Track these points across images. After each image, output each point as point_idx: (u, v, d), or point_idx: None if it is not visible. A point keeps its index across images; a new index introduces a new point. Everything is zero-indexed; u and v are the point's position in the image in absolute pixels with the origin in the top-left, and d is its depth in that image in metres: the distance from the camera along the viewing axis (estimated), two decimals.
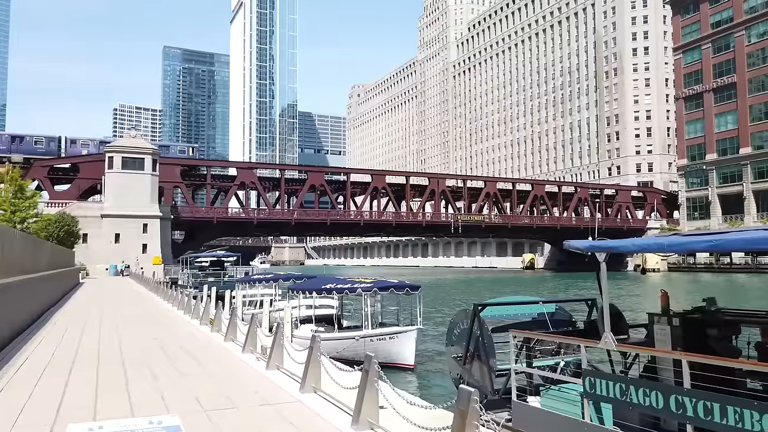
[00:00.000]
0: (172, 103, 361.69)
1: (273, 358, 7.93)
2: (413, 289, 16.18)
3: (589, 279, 73.03)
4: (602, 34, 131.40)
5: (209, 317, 12.96)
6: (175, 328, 13.01)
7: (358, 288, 15.60)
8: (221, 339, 11.13)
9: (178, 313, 16.47)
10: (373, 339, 15.82)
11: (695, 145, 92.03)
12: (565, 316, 9.44)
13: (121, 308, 18.50)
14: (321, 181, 74.32)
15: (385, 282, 16.39)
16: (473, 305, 8.54)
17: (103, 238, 55.48)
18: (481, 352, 8.35)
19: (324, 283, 16.79)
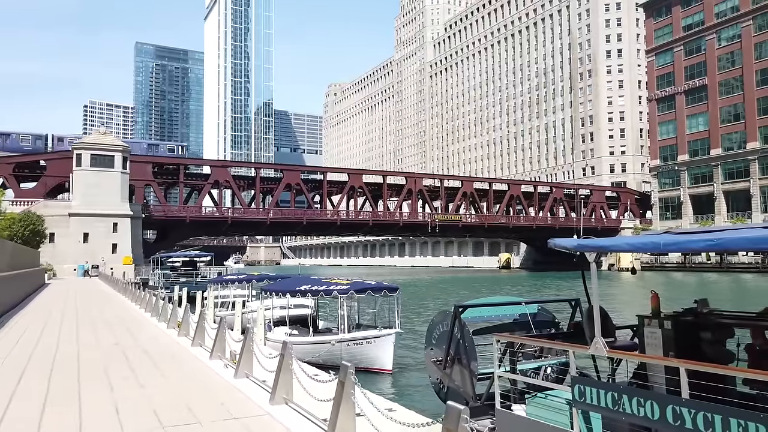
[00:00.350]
0: (145, 100, 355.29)
1: (242, 365, 7.33)
2: (391, 291, 15.58)
3: (566, 278, 73.78)
4: (577, 36, 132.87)
5: (177, 320, 12.27)
6: (139, 332, 12.29)
7: (334, 290, 14.94)
8: (188, 344, 10.48)
9: (145, 315, 15.68)
10: (350, 343, 15.22)
11: (667, 146, 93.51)
12: (548, 317, 9.09)
13: (84, 311, 17.61)
14: (297, 180, 73.39)
15: (362, 284, 15.73)
16: (454, 306, 8.09)
17: (71, 238, 53.79)
18: (462, 356, 7.92)
19: (299, 285, 16.06)
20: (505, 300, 9.19)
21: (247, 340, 7.25)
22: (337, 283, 15.62)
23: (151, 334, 12.10)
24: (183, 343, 10.80)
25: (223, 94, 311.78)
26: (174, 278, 38.48)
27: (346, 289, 14.99)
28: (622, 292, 53.78)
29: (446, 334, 8.27)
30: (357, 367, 15.42)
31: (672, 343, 6.58)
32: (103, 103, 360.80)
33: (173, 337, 11.54)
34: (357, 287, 15.22)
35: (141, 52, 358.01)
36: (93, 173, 54.40)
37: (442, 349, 8.35)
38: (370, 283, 15.81)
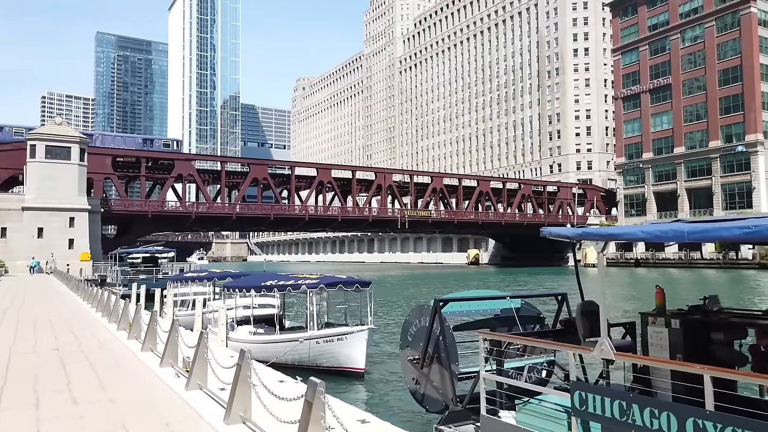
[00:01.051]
0: (106, 92, 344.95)
1: (195, 375, 6.32)
2: (363, 285, 14.70)
3: (533, 273, 74.14)
4: (545, 34, 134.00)
5: (128, 321, 11.11)
6: (85, 335, 11.07)
7: (303, 285, 13.97)
8: (139, 348, 9.37)
9: (95, 316, 14.39)
10: (319, 341, 14.21)
11: (633, 144, 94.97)
12: (533, 312, 8.39)
13: (29, 310, 16.16)
14: (264, 175, 71.74)
15: (332, 278, 14.81)
16: (434, 300, 7.31)
17: (25, 233, 51.19)
18: (441, 354, 7.17)
19: (264, 280, 15.10)
20: (487, 294, 8.42)
21: (200, 346, 6.22)
22: (305, 277, 14.64)
23: (98, 337, 10.89)
24: (133, 347, 9.67)
25: (188, 87, 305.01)
26: (133, 275, 36.77)
27: (315, 284, 14.07)
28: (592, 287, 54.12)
29: (424, 331, 7.51)
30: (326, 367, 14.34)
31: (680, 345, 5.91)
32: (62, 95, 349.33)
33: (122, 341, 10.38)
34: (327, 281, 14.30)
35: (102, 43, 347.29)
36: (48, 165, 51.87)
37: (419, 347, 7.59)
38: (341, 277, 14.92)
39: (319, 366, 14.27)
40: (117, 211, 62.16)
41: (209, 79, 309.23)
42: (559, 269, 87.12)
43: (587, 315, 6.71)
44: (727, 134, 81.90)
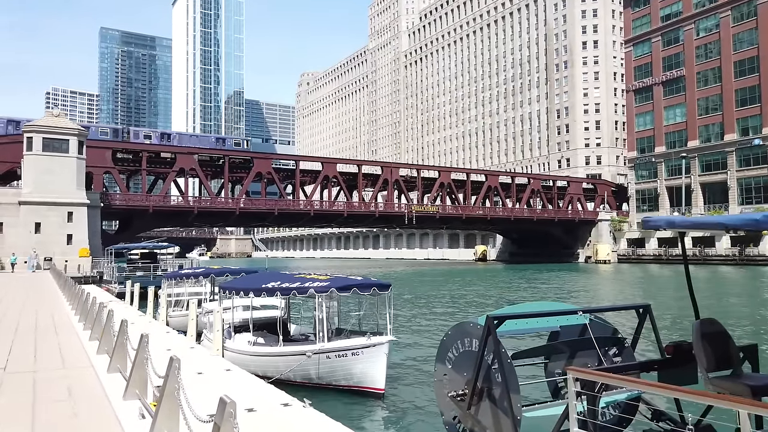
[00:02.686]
0: (110, 87, 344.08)
1: (162, 417, 4.51)
2: (382, 288, 12.55)
3: (543, 270, 72.30)
4: (553, 26, 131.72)
5: (101, 329, 9.34)
6: (48, 348, 9.36)
7: (310, 288, 11.97)
8: (105, 366, 7.59)
9: (73, 320, 12.68)
10: (330, 355, 12.21)
11: (645, 137, 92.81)
12: (606, 329, 6.50)
13: (1, 314, 14.44)
14: (268, 169, 70.01)
15: (344, 280, 12.78)
16: (486, 318, 5.46)
17: (22, 228, 49.61)
18: (496, 391, 5.36)
19: (265, 281, 13.09)
20: (550, 308, 6.49)
21: (170, 377, 4.42)
22: (313, 278, 12.67)
23: (63, 350, 9.35)
24: (99, 365, 7.79)
25: (192, 82, 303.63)
26: (130, 272, 35.11)
27: (325, 287, 12.07)
28: (606, 285, 52.05)
29: (469, 357, 5.72)
30: (339, 385, 12.23)
31: None
32: (66, 90, 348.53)
33: (90, 356, 8.52)
34: (339, 284, 12.26)
35: (106, 38, 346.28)
36: (45, 158, 50.23)
37: (463, 378, 5.80)
38: (355, 279, 12.90)
39: (330, 384, 12.49)
40: (117, 206, 60.62)
41: (213, 74, 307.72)
42: (569, 266, 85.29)
43: (710, 340, 4.97)
44: (743, 127, 79.67)
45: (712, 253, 79.25)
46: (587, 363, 6.24)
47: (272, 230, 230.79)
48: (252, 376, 8.88)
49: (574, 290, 45.23)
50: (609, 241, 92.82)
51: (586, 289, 47.54)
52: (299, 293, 12.33)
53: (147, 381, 5.38)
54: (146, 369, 5.23)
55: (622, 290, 45.57)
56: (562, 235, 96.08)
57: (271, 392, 7.88)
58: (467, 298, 38.48)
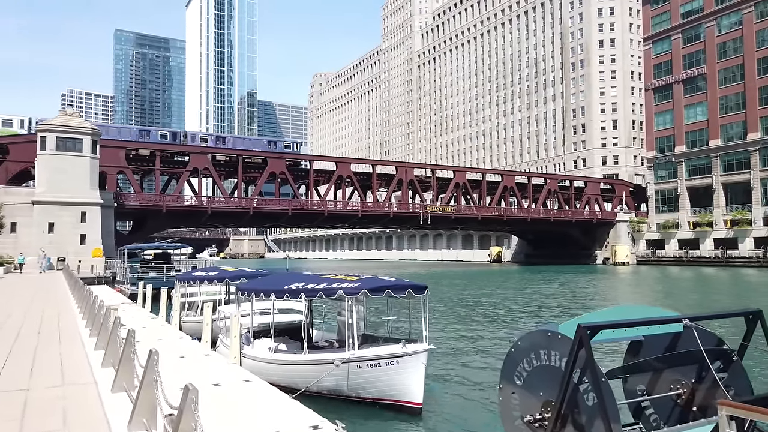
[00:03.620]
0: (125, 89, 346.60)
1: None
2: (417, 290, 11.33)
3: (559, 272, 70.82)
4: (569, 25, 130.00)
5: (107, 337, 8.30)
6: (48, 359, 8.40)
7: (339, 290, 10.85)
8: (110, 384, 6.58)
9: (80, 326, 11.78)
10: (361, 365, 10.93)
11: (664, 136, 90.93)
12: (710, 339, 5.37)
13: (2, 318, 13.58)
14: (282, 169, 69.29)
15: (376, 281, 11.54)
16: (577, 328, 4.37)
17: (35, 228, 49.31)
18: (584, 415, 4.33)
19: (287, 282, 11.89)
20: (646, 314, 5.32)
21: (186, 407, 3.47)
22: (341, 279, 11.53)
23: (65, 361, 8.43)
24: (103, 381, 7.00)
25: (205, 84, 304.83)
26: (143, 273, 34.38)
27: (355, 288, 10.88)
28: (625, 287, 50.45)
29: (546, 373, 4.69)
30: (371, 398, 10.97)
31: None
32: (81, 92, 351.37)
33: (93, 369, 7.81)
34: (371, 285, 11.04)
35: (121, 40, 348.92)
36: (59, 158, 49.90)
37: (539, 399, 4.77)
38: (388, 279, 11.63)
39: (361, 397, 11.30)
40: (131, 206, 60.21)
41: (226, 75, 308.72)
42: (587, 267, 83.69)
43: None
44: (766, 126, 77.65)
45: (735, 255, 77.36)
46: (681, 379, 5.22)
47: (285, 231, 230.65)
48: (274, 390, 7.95)
49: (601, 292, 43.91)
50: (628, 242, 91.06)
51: (611, 290, 46.18)
52: (326, 295, 11.09)
53: (156, 408, 4.43)
54: (155, 393, 4.29)
55: (656, 292, 44.09)
56: (580, 236, 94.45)
57: (298, 411, 6.92)
58: (494, 298, 37.36)
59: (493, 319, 26.74)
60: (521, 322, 25.64)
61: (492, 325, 24.50)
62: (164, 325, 15.79)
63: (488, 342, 19.77)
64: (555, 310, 31.29)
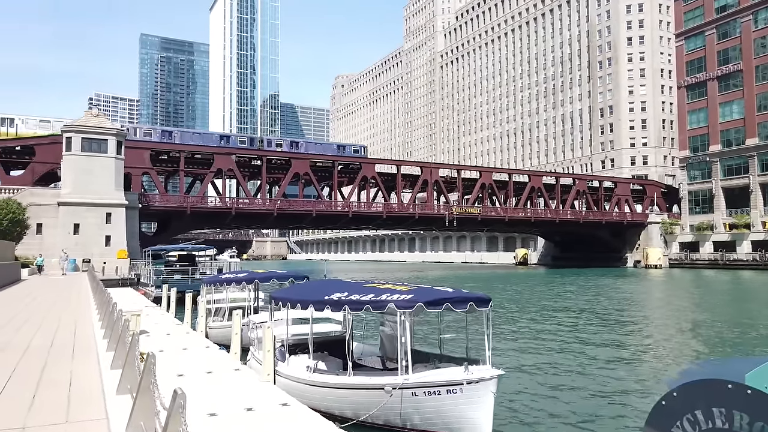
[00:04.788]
0: (150, 92, 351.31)
1: None
2: (480, 303, 9.58)
3: (588, 275, 68.61)
4: (596, 22, 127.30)
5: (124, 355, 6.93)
6: (55, 382, 7.13)
7: (390, 302, 9.16)
8: (125, 419, 5.20)
9: (97, 336, 10.63)
10: (417, 391, 9.10)
11: (698, 135, 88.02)
12: None
13: (17, 326, 12.52)
14: (306, 170, 68.54)
15: (432, 291, 9.74)
16: None
17: (60, 229, 49.17)
18: None
19: (328, 292, 10.31)
20: None
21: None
22: (390, 289, 9.80)
23: (73, 385, 7.05)
24: (115, 416, 5.69)
25: (228, 86, 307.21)
26: (167, 275, 33.56)
27: (409, 301, 9.15)
28: (660, 291, 48.20)
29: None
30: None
31: None
32: (108, 96, 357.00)
33: (105, 397, 6.51)
34: (427, 297, 9.27)
35: (146, 44, 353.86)
36: (84, 158, 49.71)
37: None
38: (446, 290, 9.79)
39: (417, 429, 9.51)
40: (156, 207, 59.95)
41: (249, 78, 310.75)
42: (617, 270, 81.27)
43: None
44: None
45: (733, 257, 74.89)
46: None
47: (306, 232, 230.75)
48: (320, 419, 6.78)
49: (641, 299, 42.02)
50: (660, 244, 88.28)
51: (647, 295, 44.27)
52: (374, 308, 9.43)
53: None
54: None
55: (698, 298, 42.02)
56: (609, 238, 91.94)
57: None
58: (537, 306, 35.72)
59: (557, 331, 24.10)
60: (598, 334, 23.33)
61: (559, 339, 21.72)
62: (189, 332, 14.80)
63: (559, 358, 17.56)
64: (627, 318, 29.49)
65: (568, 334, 23.49)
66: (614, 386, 13.88)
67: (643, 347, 20.42)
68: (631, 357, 18.34)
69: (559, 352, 18.79)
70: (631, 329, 25.22)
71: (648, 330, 25.10)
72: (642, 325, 26.78)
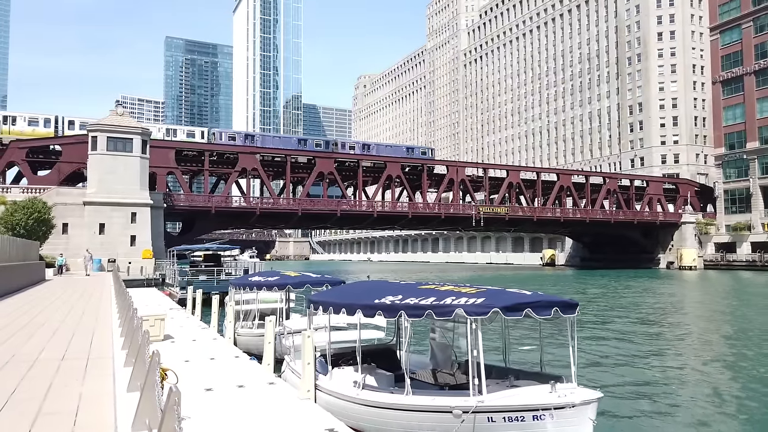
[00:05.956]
0: (175, 95, 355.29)
1: None
2: (566, 308, 7.96)
3: (618, 277, 66.24)
4: (625, 17, 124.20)
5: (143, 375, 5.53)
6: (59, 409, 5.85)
7: (457, 308, 7.55)
8: None
9: (116, 346, 9.53)
10: (494, 416, 7.43)
11: (734, 132, 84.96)
12: None
13: (30, 333, 11.50)
14: (330, 169, 67.64)
15: (507, 295, 8.05)
16: None
17: (86, 229, 48.96)
18: None
19: (376, 295, 8.81)
20: None
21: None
22: (453, 292, 8.13)
23: (80, 413, 5.71)
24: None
25: (251, 87, 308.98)
26: (192, 276, 32.72)
27: (482, 307, 7.53)
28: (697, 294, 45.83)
29: None
30: None
31: None
32: (134, 98, 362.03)
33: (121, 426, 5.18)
34: (504, 302, 7.62)
35: (171, 47, 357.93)
36: (110, 158, 49.44)
37: None
38: (522, 293, 8.15)
39: None
40: (181, 207, 59.59)
41: (272, 79, 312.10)
42: (649, 272, 78.69)
43: None
44: None
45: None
46: None
47: (329, 233, 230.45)
48: None
49: (692, 301, 40.03)
50: (694, 245, 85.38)
51: (697, 297, 42.19)
52: (438, 314, 7.80)
53: None
54: None
55: (759, 301, 39.84)
56: (640, 238, 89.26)
57: None
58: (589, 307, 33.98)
59: (621, 338, 21.84)
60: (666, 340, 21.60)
61: (630, 348, 19.40)
62: (216, 338, 13.77)
63: (643, 373, 15.17)
64: (693, 322, 27.82)
65: (635, 340, 21.62)
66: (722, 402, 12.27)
67: (735, 356, 18.58)
68: (725, 367, 16.57)
69: (641, 366, 16.60)
70: (704, 336, 23.38)
71: (730, 336, 23.26)
72: (719, 333, 24.85)
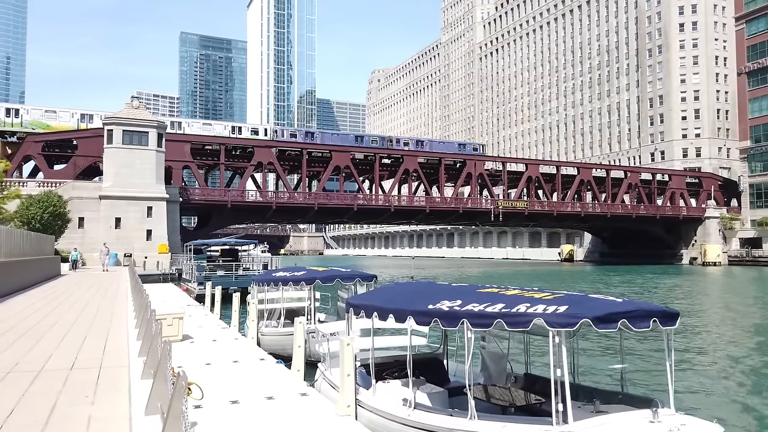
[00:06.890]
0: (190, 90, 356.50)
1: None
2: (666, 319, 6.51)
3: (638, 272, 64.51)
4: (645, 8, 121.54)
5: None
6: None
7: (535, 317, 6.20)
8: None
9: (132, 351, 8.65)
10: None
11: (760, 125, 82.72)
12: None
13: (39, 336, 10.68)
14: (346, 163, 66.70)
15: (597, 303, 6.52)
16: None
17: (102, 223, 48.60)
18: None
19: (431, 300, 7.42)
20: None
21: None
22: (525, 297, 6.82)
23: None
24: None
25: (266, 82, 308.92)
26: (210, 271, 31.96)
27: (568, 317, 6.14)
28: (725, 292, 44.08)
29: None
30: None
31: None
32: (149, 94, 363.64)
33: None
34: (595, 312, 6.18)
35: (186, 42, 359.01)
36: (125, 151, 48.97)
37: None
38: (611, 300, 6.67)
39: None
40: (197, 201, 59.06)
41: (286, 73, 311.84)
42: (672, 268, 76.87)
43: None
44: None
45: None
46: None
47: (343, 228, 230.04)
48: None
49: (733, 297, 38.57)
50: (718, 240, 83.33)
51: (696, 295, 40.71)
52: (510, 325, 6.46)
53: None
54: None
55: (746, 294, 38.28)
56: (662, 233, 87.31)
57: None
58: None
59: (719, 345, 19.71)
60: None
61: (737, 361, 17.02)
62: (238, 338, 12.89)
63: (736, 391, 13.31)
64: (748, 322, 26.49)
65: (708, 348, 18.95)
66: None
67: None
68: None
69: (737, 382, 14.37)
70: None
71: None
72: None
